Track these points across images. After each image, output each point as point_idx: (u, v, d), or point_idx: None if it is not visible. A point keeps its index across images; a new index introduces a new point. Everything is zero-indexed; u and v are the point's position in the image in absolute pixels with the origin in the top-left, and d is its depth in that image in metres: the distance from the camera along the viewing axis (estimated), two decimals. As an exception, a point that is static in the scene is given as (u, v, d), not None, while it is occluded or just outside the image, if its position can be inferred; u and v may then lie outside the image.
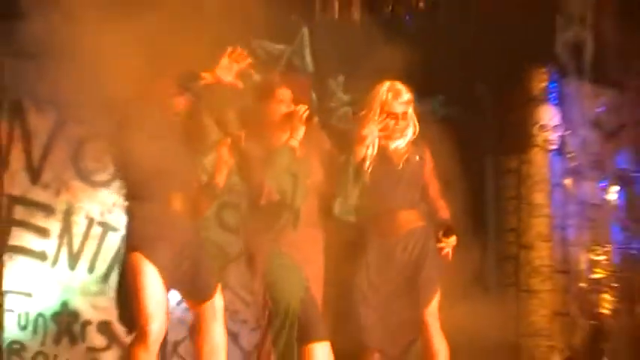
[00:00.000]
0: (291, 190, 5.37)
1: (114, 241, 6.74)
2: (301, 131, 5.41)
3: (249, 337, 6.85)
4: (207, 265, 5.15)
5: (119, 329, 6.45)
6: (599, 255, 7.68)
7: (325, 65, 7.02)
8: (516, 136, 7.42)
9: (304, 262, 5.36)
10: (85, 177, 6.72)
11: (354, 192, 5.47)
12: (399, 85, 5.65)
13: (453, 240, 5.57)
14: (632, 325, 7.71)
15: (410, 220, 5.59)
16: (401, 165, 5.61)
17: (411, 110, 5.65)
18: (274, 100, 5.49)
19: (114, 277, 6.46)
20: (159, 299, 4.92)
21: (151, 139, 4.94)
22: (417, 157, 5.66)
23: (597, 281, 7.67)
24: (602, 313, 7.62)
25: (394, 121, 5.61)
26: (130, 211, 5.09)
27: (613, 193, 7.81)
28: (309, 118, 5.42)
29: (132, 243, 5.00)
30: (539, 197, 7.37)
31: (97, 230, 6.76)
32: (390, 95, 5.60)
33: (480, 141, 7.49)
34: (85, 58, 5.59)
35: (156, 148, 4.96)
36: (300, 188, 5.40)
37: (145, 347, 4.86)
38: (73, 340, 6.65)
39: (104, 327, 6.68)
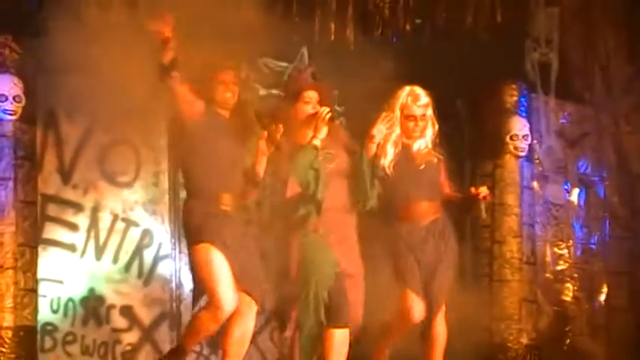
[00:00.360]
0: (313, 183, 5.47)
1: (135, 235, 7.03)
2: (324, 131, 5.52)
3: (255, 320, 7.11)
4: (256, 262, 5.31)
5: (139, 312, 6.96)
6: (562, 249, 7.96)
7: (322, 81, 6.84)
8: (491, 144, 7.62)
9: (338, 242, 5.50)
10: (110, 178, 7.00)
11: (373, 185, 5.61)
12: (419, 90, 5.87)
13: (484, 189, 5.79)
14: (591, 311, 8.04)
15: (432, 210, 5.84)
16: (423, 166, 5.86)
17: (429, 112, 5.88)
18: (302, 100, 5.63)
19: (135, 267, 6.95)
20: (229, 280, 5.09)
21: (204, 141, 5.21)
22: (436, 160, 5.92)
23: (560, 272, 7.95)
24: (564, 301, 7.89)
25: (413, 123, 5.84)
26: (187, 207, 5.30)
27: (575, 195, 8.08)
28: (331, 119, 5.55)
29: (195, 236, 5.16)
30: (511, 198, 7.58)
31: (120, 225, 7.01)
32: (409, 99, 5.83)
33: (460, 148, 7.53)
34: (106, 73, 5.83)
35: (209, 149, 5.20)
36: (322, 181, 5.47)
37: (216, 320, 5.10)
38: (99, 322, 6.90)
39: (126, 310, 6.97)
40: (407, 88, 5.89)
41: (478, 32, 7.32)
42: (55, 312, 6.83)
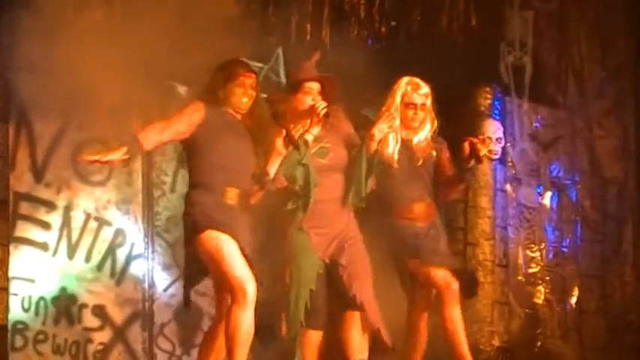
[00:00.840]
0: (301, 179, 5.34)
1: (108, 234, 6.94)
2: (317, 128, 5.34)
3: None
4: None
5: (111, 312, 6.89)
6: (534, 252, 8.04)
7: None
8: (465, 147, 7.75)
9: (333, 236, 5.42)
10: (83, 177, 6.88)
11: (366, 183, 5.50)
12: (418, 80, 5.89)
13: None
14: (562, 314, 8.07)
15: (429, 212, 5.82)
16: (421, 161, 5.83)
17: (429, 103, 5.86)
18: (302, 90, 5.45)
19: (107, 266, 6.89)
20: (244, 264, 4.89)
21: (210, 138, 5.09)
22: (434, 153, 5.88)
23: (532, 275, 8.01)
24: (536, 303, 7.95)
25: (413, 111, 5.81)
26: (191, 199, 5.10)
27: (547, 198, 8.11)
28: (326, 115, 5.33)
29: (202, 224, 4.95)
30: (484, 201, 7.62)
31: (93, 224, 6.91)
32: (409, 87, 5.82)
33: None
34: (80, 72, 6.00)
35: (216, 146, 5.08)
36: (312, 178, 5.33)
37: (245, 308, 4.82)
38: (71, 321, 6.80)
39: (98, 310, 6.86)
40: (406, 78, 5.89)
41: (453, 35, 7.39)
42: (26, 311, 6.72)
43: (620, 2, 8.32)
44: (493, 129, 7.67)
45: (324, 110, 5.38)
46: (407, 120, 5.84)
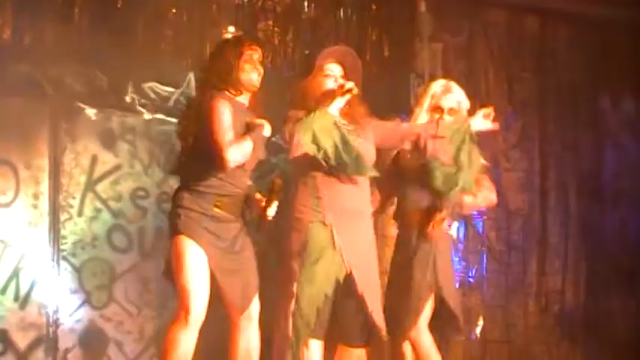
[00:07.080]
0: (329, 148, 4.88)
1: (12, 257, 6.80)
2: (339, 101, 4.95)
3: (133, 346, 7.03)
4: (252, 271, 4.99)
5: (14, 337, 6.77)
6: None
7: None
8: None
9: (355, 244, 5.14)
10: (-12, 198, 6.74)
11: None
12: (453, 84, 5.69)
13: None
14: (467, 343, 8.09)
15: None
16: None
17: (463, 108, 5.61)
18: (321, 73, 5.14)
19: (11, 290, 6.77)
20: (202, 279, 4.76)
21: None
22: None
23: None
24: (442, 332, 8.00)
25: (439, 115, 5.54)
26: (179, 200, 4.90)
27: (454, 229, 7.58)
28: (351, 93, 4.94)
29: (176, 228, 4.84)
30: (392, 230, 7.22)
31: (-4, 247, 6.74)
32: (440, 90, 5.62)
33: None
34: None
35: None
36: (348, 148, 4.90)
37: (186, 328, 4.74)
38: (-29, 346, 6.61)
39: (1, 334, 6.73)
40: (442, 81, 5.78)
41: (366, 66, 7.38)
42: None
43: (525, 38, 8.48)
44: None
45: (352, 90, 5.00)
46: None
